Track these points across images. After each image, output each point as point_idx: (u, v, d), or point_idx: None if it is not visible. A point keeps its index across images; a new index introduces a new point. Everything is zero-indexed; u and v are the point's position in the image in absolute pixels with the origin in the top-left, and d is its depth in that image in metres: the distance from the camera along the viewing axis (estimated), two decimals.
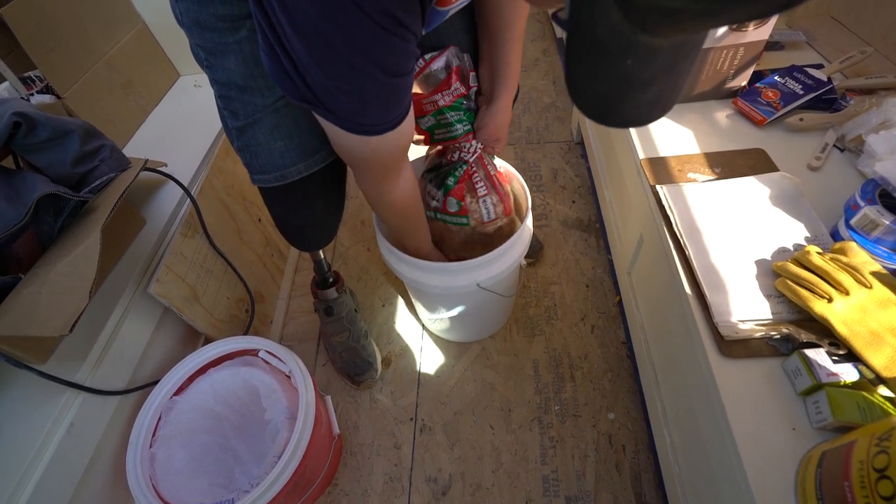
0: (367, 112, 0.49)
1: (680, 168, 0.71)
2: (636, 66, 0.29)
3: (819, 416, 0.45)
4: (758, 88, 0.78)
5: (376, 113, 0.50)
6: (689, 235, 0.62)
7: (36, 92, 0.87)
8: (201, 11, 0.54)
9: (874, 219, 0.54)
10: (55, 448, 0.57)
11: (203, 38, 0.56)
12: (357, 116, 0.49)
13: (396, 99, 0.50)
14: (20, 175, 0.65)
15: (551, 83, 1.68)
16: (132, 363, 0.72)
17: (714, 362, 0.51)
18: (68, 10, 0.89)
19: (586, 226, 1.22)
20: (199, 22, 0.54)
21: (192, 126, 1.01)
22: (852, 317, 0.48)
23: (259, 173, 0.66)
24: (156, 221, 0.81)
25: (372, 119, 0.50)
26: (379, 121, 0.50)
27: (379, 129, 0.51)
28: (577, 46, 0.29)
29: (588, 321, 1.04)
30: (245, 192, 1.04)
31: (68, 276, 0.57)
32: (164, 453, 0.69)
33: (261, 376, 0.75)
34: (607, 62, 0.29)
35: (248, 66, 0.56)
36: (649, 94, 0.32)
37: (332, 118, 0.49)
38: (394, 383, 1.00)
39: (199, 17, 0.54)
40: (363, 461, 0.90)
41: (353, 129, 0.50)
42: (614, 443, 0.87)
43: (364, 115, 0.49)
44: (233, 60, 0.56)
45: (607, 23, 0.25)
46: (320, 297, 0.95)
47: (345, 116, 0.49)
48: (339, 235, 1.29)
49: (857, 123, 0.69)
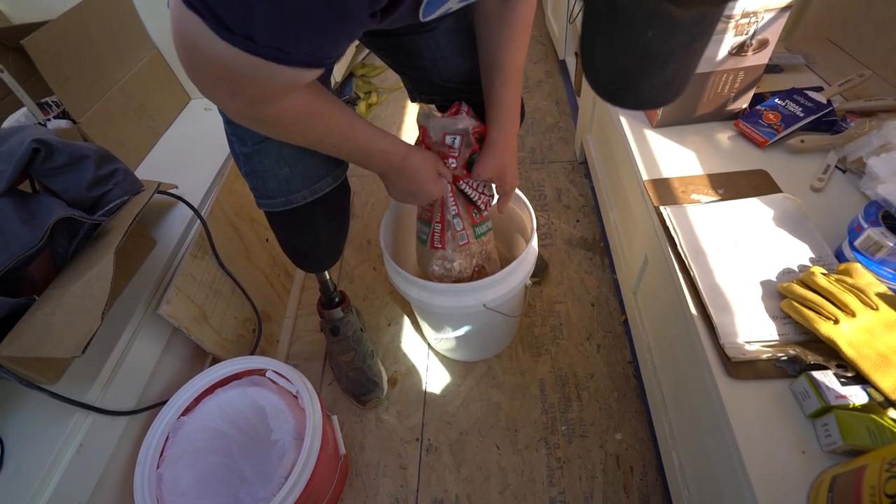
0: (301, 35, 0.36)
1: (683, 189, 0.72)
2: (657, 39, 0.29)
3: (829, 440, 0.45)
4: (759, 111, 0.79)
5: (310, 40, 0.37)
6: (693, 256, 0.62)
7: (52, 117, 0.90)
8: None
9: (878, 240, 0.54)
10: (64, 469, 0.58)
11: None
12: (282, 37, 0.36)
13: (342, 38, 0.39)
14: (36, 199, 0.67)
15: (554, 104, 1.70)
16: (141, 383, 0.72)
17: (721, 384, 0.51)
18: (86, 39, 0.92)
19: (591, 245, 1.22)
20: None
21: (203, 148, 1.04)
22: (859, 339, 0.48)
23: (265, 198, 0.67)
24: (166, 242, 0.82)
25: (298, 48, 0.37)
26: (303, 51, 0.37)
27: (295, 61, 0.38)
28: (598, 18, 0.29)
29: (594, 340, 1.04)
30: (253, 212, 1.06)
31: (82, 298, 0.58)
32: (172, 474, 0.69)
33: (268, 396, 0.75)
34: (628, 34, 0.29)
35: None
36: (667, 71, 0.31)
37: (224, 34, 0.35)
38: (400, 403, 1.00)
39: None
40: (369, 482, 0.90)
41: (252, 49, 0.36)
42: (622, 464, 0.86)
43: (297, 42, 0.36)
44: None
45: None
46: (326, 316, 0.96)
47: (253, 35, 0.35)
48: (345, 254, 1.30)
49: (857, 146, 0.70)
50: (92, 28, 0.93)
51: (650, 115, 0.86)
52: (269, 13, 0.33)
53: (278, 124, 0.49)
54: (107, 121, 0.96)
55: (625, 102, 0.34)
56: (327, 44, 0.39)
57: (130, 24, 1.05)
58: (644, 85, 0.32)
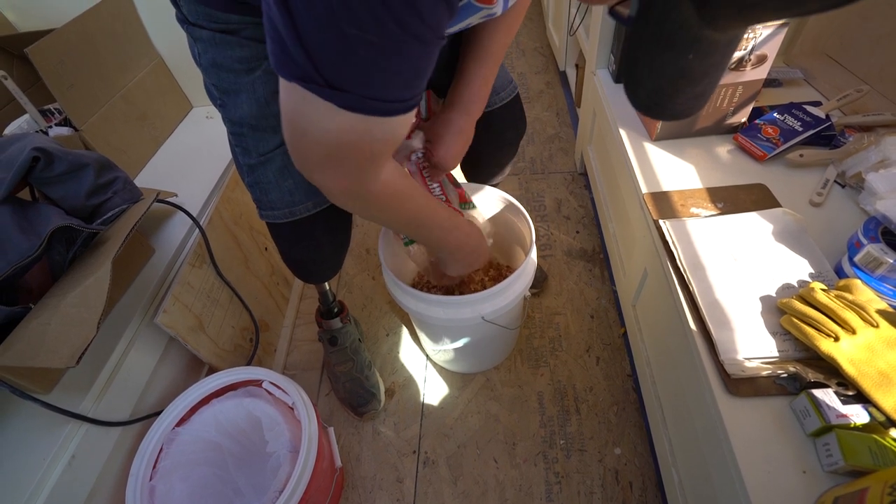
0: (388, 83, 0.38)
1: (683, 203, 0.72)
2: (696, 61, 0.32)
3: (830, 460, 0.44)
4: (758, 125, 0.80)
5: (398, 85, 0.39)
6: (693, 271, 0.62)
7: (55, 124, 0.90)
8: (219, 53, 0.56)
9: (878, 256, 0.54)
10: (55, 481, 0.57)
11: (219, 78, 0.58)
12: (372, 88, 0.38)
13: (426, 68, 0.40)
14: (35, 207, 0.66)
15: (554, 115, 1.71)
16: (136, 393, 0.72)
17: (721, 401, 0.51)
18: (90, 48, 0.93)
19: (590, 256, 1.22)
20: (216, 63, 0.57)
21: (203, 157, 1.04)
22: (860, 356, 0.48)
23: (268, 209, 0.67)
24: (164, 251, 0.82)
25: (392, 93, 0.39)
26: (397, 96, 0.40)
27: (393, 109, 0.40)
28: (643, 42, 0.32)
29: (593, 353, 1.03)
30: (252, 221, 1.06)
31: (78, 307, 0.58)
32: (164, 486, 0.68)
33: (264, 408, 0.74)
34: (670, 57, 0.31)
35: (260, 106, 0.58)
36: (699, 87, 0.35)
37: (333, 95, 0.38)
38: (397, 415, 0.99)
39: (217, 58, 0.56)
40: (365, 495, 0.89)
41: (357, 105, 0.39)
42: (621, 479, 0.85)
43: (384, 88, 0.38)
44: (245, 99, 0.58)
45: (676, 18, 0.28)
46: (325, 326, 0.95)
47: (353, 89, 0.37)
48: (344, 264, 1.29)
49: (856, 161, 0.70)
50: (96, 37, 0.94)
51: (649, 128, 0.86)
52: (371, 62, 0.36)
53: (378, 202, 0.53)
54: (108, 128, 0.96)
55: (660, 115, 0.39)
56: (417, 77, 0.41)
57: (134, 34, 1.05)
58: (679, 99, 0.35)
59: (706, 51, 0.31)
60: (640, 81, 0.34)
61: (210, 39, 0.55)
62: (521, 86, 1.87)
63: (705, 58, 0.32)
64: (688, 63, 0.32)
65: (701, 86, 0.35)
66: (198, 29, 0.55)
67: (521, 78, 1.92)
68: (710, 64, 0.33)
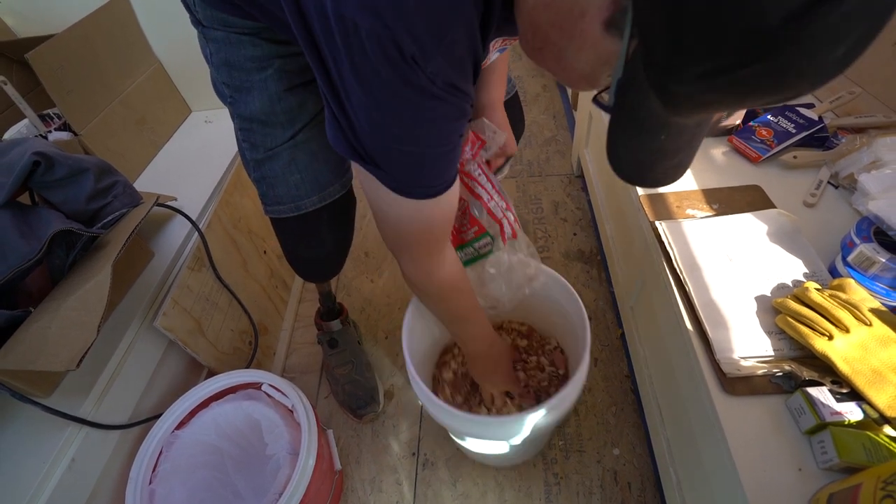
0: (425, 173, 0.47)
1: (678, 204, 0.73)
2: (667, 141, 0.36)
3: (825, 457, 0.45)
4: (752, 127, 0.80)
5: (434, 173, 0.47)
6: (689, 271, 0.63)
7: (54, 129, 0.91)
8: (233, 53, 0.57)
9: (870, 256, 0.55)
10: (55, 484, 0.57)
11: (230, 77, 0.59)
12: (413, 177, 0.47)
13: (454, 157, 0.48)
14: (35, 211, 0.67)
15: (551, 118, 1.72)
16: (135, 397, 0.72)
17: (717, 400, 0.51)
18: (89, 53, 0.93)
19: (588, 258, 1.23)
20: (228, 62, 0.57)
21: (202, 160, 1.04)
22: (853, 354, 0.49)
23: (274, 204, 0.68)
24: (164, 254, 0.82)
25: (429, 179, 0.47)
26: (435, 181, 0.48)
27: (434, 190, 0.48)
28: (620, 126, 0.36)
29: (591, 354, 1.03)
30: (251, 224, 1.06)
31: (78, 310, 0.58)
32: (164, 489, 0.68)
33: (263, 410, 0.74)
34: (645, 138, 0.36)
35: (271, 103, 0.59)
36: (675, 161, 0.39)
37: (385, 178, 0.46)
38: (396, 417, 0.99)
39: (230, 57, 0.57)
40: (364, 498, 0.89)
41: (407, 190, 0.47)
42: (620, 480, 0.86)
43: (422, 176, 0.47)
44: (257, 97, 0.59)
45: (647, 107, 0.32)
46: (325, 328, 0.96)
47: (399, 177, 0.46)
48: (343, 267, 1.30)
49: (849, 162, 0.70)
50: (96, 42, 0.95)
51: None
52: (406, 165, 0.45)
53: (441, 294, 0.62)
54: (108, 133, 0.97)
55: (642, 184, 0.45)
56: (454, 162, 0.49)
57: (133, 39, 1.06)
58: (658, 170, 0.40)
59: (677, 132, 0.36)
60: (621, 157, 0.38)
61: (224, 40, 0.56)
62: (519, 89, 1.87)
63: (677, 137, 0.36)
64: (661, 143, 0.36)
65: (677, 159, 0.39)
66: (212, 31, 0.56)
67: (518, 81, 1.93)
68: (683, 141, 0.37)
